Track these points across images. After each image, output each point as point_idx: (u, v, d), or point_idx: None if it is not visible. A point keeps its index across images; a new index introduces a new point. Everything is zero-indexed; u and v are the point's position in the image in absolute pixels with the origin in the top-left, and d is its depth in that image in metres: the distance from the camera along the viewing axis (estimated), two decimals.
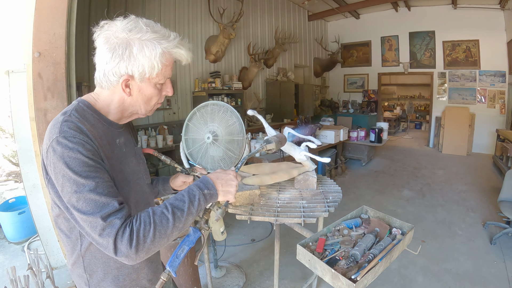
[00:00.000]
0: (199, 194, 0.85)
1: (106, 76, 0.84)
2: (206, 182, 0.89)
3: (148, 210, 0.78)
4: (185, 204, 0.81)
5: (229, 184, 0.92)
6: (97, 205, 0.73)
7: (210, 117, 2.07)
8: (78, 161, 0.74)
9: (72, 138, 0.76)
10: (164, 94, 0.95)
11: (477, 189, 4.95)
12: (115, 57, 0.81)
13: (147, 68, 0.83)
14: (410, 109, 11.01)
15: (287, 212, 1.60)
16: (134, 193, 0.97)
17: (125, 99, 0.89)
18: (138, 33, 0.81)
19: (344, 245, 1.25)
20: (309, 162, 1.92)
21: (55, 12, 2.03)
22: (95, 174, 0.75)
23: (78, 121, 0.80)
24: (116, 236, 0.71)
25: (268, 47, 7.47)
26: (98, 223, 0.71)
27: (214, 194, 0.89)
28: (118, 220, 0.73)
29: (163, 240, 0.77)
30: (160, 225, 0.76)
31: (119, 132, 0.96)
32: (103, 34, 0.82)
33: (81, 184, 0.73)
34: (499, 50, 7.13)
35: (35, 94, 2.03)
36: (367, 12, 9.07)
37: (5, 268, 2.68)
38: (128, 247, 0.71)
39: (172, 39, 0.86)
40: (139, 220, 0.75)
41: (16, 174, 4.54)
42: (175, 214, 0.79)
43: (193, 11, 5.63)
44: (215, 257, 2.70)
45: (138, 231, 0.73)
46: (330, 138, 5.29)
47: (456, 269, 2.77)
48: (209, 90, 5.52)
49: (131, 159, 1.00)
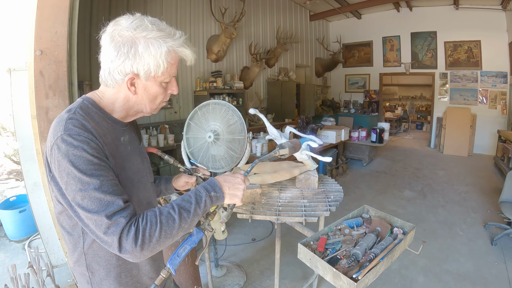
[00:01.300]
0: (205, 196, 0.85)
1: (111, 74, 0.84)
2: (213, 184, 0.89)
3: (155, 209, 0.79)
4: (191, 206, 0.82)
5: (236, 188, 0.92)
6: (102, 203, 0.73)
7: (212, 116, 2.07)
8: (83, 159, 0.74)
9: (77, 136, 0.75)
10: (170, 93, 0.95)
11: (478, 190, 4.94)
12: (121, 55, 0.81)
13: (152, 66, 0.83)
14: (412, 109, 10.99)
15: (288, 211, 1.60)
16: (137, 191, 0.96)
17: (130, 98, 0.89)
18: (143, 31, 0.81)
19: (346, 244, 1.25)
20: (311, 161, 1.92)
21: (57, 10, 2.03)
22: (100, 172, 0.75)
23: (83, 119, 0.80)
24: (121, 234, 0.72)
25: (269, 46, 7.47)
26: (103, 222, 0.72)
27: (221, 197, 0.89)
28: (123, 218, 0.73)
29: (168, 239, 0.78)
30: (166, 225, 0.76)
31: (123, 130, 0.96)
32: (108, 32, 0.82)
33: (86, 182, 0.73)
34: (501, 51, 7.11)
35: (37, 92, 2.03)
36: (368, 12, 9.05)
37: (5, 266, 2.69)
38: (133, 245, 0.72)
39: (177, 38, 0.85)
40: (145, 219, 0.75)
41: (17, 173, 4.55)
42: (181, 215, 0.79)
43: (194, 11, 5.63)
44: (215, 256, 2.70)
45: (144, 230, 0.73)
46: (331, 138, 5.28)
47: (457, 270, 2.76)
48: (211, 90, 5.52)
49: (136, 157, 1.00)
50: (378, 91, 9.50)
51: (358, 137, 6.22)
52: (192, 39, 5.60)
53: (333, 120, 6.60)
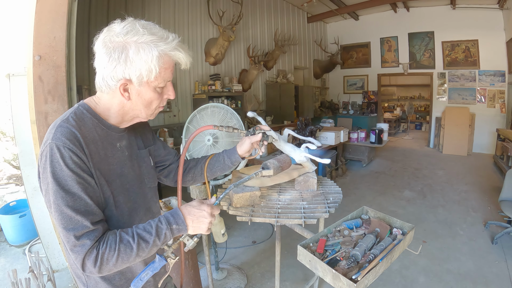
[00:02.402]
0: (166, 229, 0.85)
1: (104, 80, 0.83)
2: (176, 216, 0.88)
3: (116, 235, 0.81)
4: (151, 237, 0.82)
5: (200, 221, 0.90)
6: (72, 222, 0.76)
7: (211, 119, 2.08)
8: (63, 173, 0.76)
9: (62, 147, 0.77)
10: (166, 98, 0.94)
11: (478, 189, 4.95)
12: (112, 61, 0.80)
13: (144, 71, 0.82)
14: (410, 109, 11.02)
15: (287, 213, 1.61)
16: (134, 198, 0.97)
17: (125, 103, 0.88)
18: (134, 36, 0.80)
19: (345, 246, 1.25)
20: (309, 163, 1.92)
21: (55, 15, 2.04)
22: (76, 189, 0.77)
23: (73, 126, 0.81)
24: (85, 255, 0.76)
25: (267, 49, 7.50)
26: (71, 240, 0.75)
27: (183, 229, 0.88)
28: (89, 241, 0.76)
29: (125, 264, 0.81)
30: (123, 252, 0.79)
31: (120, 136, 0.96)
32: (101, 39, 0.82)
33: (61, 196, 0.75)
34: (499, 49, 7.14)
35: (36, 97, 2.04)
36: (366, 14, 9.09)
37: (6, 271, 2.68)
38: (92, 266, 0.76)
39: (170, 41, 0.84)
40: (105, 244, 0.78)
41: (17, 177, 4.55)
42: (139, 245, 0.81)
43: (192, 14, 5.65)
44: (216, 259, 2.70)
45: (103, 255, 0.77)
46: (331, 139, 5.28)
47: (457, 269, 2.76)
48: (209, 93, 5.54)
49: (134, 162, 1.00)
50: (377, 92, 9.52)
51: (357, 138, 6.23)
52: (190, 43, 5.62)
53: (332, 122, 6.60)
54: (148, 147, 1.10)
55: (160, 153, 1.17)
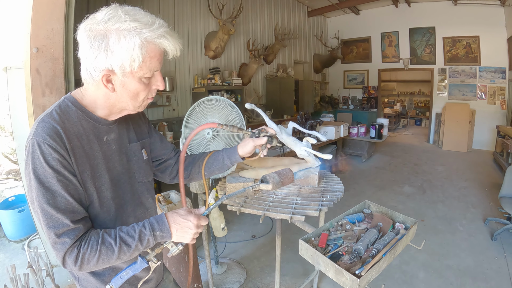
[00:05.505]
0: (149, 235, 0.83)
1: (88, 71, 0.79)
2: (161, 223, 0.86)
3: (99, 235, 0.80)
4: (134, 242, 0.82)
5: (185, 231, 0.87)
6: (52, 219, 0.75)
7: (210, 113, 2.05)
8: (43, 170, 0.75)
9: (43, 143, 0.75)
10: (155, 88, 0.88)
11: (478, 185, 4.95)
12: (93, 51, 0.75)
13: (126, 61, 0.76)
14: (410, 105, 10.98)
15: (277, 207, 1.60)
16: (122, 192, 0.95)
17: (110, 95, 0.84)
18: (115, 23, 0.74)
19: (347, 240, 1.24)
20: (312, 158, 1.88)
21: (53, 7, 2.01)
22: (57, 186, 0.76)
23: (56, 121, 0.78)
24: (65, 253, 0.76)
25: (267, 43, 7.44)
26: (52, 237, 0.75)
27: (167, 236, 0.86)
28: (69, 240, 0.76)
29: (106, 265, 0.81)
30: (105, 254, 0.79)
31: (108, 129, 0.92)
32: (83, 27, 0.77)
33: (42, 194, 0.74)
34: (500, 46, 7.10)
35: (33, 90, 2.01)
36: (367, 8, 9.01)
37: (5, 266, 2.68)
38: (73, 265, 0.77)
39: (156, 28, 0.77)
40: (87, 245, 0.78)
41: (15, 172, 4.53)
42: (121, 248, 0.80)
43: (192, 7, 5.59)
44: (215, 253, 2.69)
45: (84, 255, 0.77)
46: (331, 134, 5.27)
47: (457, 265, 2.77)
48: (209, 87, 5.50)
49: (122, 157, 0.96)
50: (377, 87, 9.49)
51: (357, 133, 6.21)
52: (189, 36, 5.56)
53: (332, 116, 6.58)
54: (141, 140, 1.05)
55: (156, 147, 1.14)
